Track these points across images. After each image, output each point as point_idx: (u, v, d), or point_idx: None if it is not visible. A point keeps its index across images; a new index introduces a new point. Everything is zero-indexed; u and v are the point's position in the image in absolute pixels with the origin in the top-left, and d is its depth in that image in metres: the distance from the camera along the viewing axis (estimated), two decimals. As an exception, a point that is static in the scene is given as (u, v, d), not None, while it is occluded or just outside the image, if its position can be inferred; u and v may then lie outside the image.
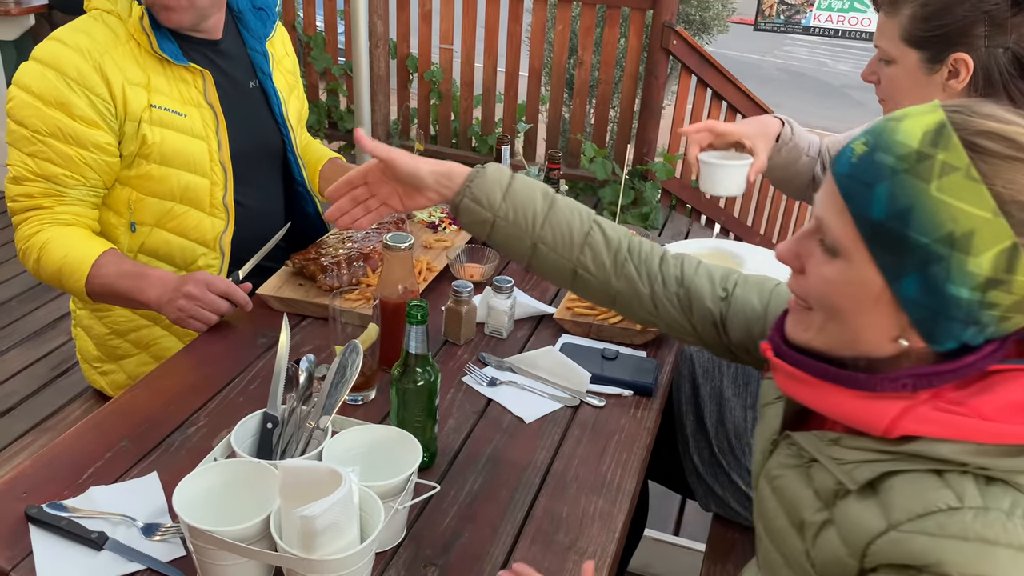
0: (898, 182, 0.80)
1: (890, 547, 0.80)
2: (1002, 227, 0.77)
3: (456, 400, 1.48)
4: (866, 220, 0.82)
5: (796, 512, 0.92)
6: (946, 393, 0.84)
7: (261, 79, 1.94)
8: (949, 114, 0.81)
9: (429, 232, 2.01)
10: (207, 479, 1.07)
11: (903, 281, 0.81)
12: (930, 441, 0.81)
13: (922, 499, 0.79)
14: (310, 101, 5.40)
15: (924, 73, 1.42)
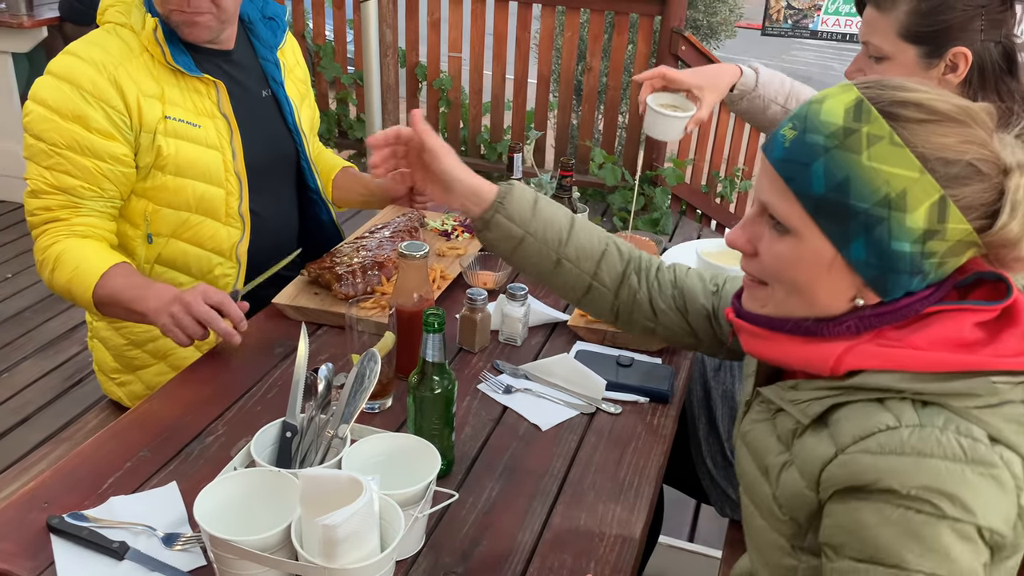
0: (831, 157, 0.87)
1: (839, 470, 0.88)
2: (929, 183, 0.85)
3: (472, 408, 1.48)
4: (809, 196, 0.89)
5: (762, 459, 1.01)
6: (886, 332, 0.93)
7: (273, 88, 1.95)
8: (863, 90, 0.88)
9: (442, 240, 2.02)
10: (227, 488, 1.08)
11: (851, 246, 0.89)
12: (871, 373, 0.90)
13: (865, 423, 0.87)
14: (320, 111, 5.42)
15: (921, 68, 1.42)
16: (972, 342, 0.90)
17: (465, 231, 2.05)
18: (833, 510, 0.89)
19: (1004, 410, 0.86)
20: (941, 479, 0.82)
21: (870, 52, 1.47)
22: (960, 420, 0.85)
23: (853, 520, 0.86)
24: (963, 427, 0.84)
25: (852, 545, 0.87)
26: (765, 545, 1.01)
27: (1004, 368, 0.86)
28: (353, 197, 2.20)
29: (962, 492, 0.82)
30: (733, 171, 5.07)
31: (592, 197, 5.15)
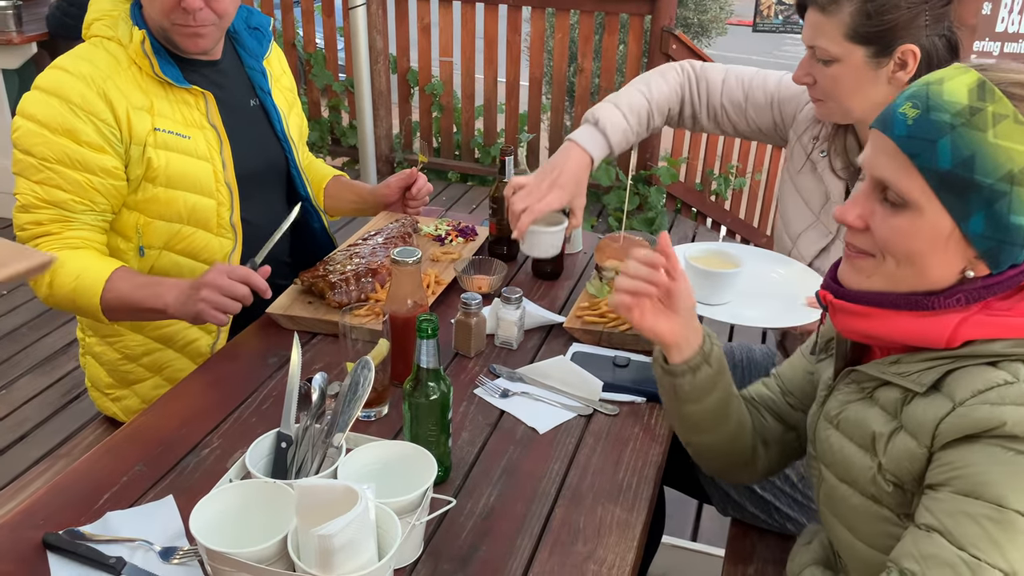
0: (958, 134, 0.91)
1: (957, 420, 0.91)
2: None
3: (469, 413, 1.47)
4: (933, 171, 0.93)
5: (865, 433, 1.03)
6: (993, 304, 0.97)
7: (261, 97, 1.94)
8: (981, 72, 0.93)
9: (436, 245, 2.01)
10: (223, 501, 1.07)
11: (971, 220, 0.93)
12: (984, 342, 0.94)
13: (982, 379, 0.92)
14: (312, 118, 5.44)
15: (871, 68, 1.42)
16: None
17: (459, 235, 2.04)
18: (943, 456, 0.93)
19: None
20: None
21: (817, 55, 1.46)
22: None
23: (962, 459, 0.90)
24: None
25: (955, 482, 0.90)
26: (866, 522, 1.03)
27: None
28: (345, 205, 2.20)
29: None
30: (727, 168, 5.07)
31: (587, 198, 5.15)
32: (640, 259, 1.19)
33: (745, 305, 1.55)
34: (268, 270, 1.64)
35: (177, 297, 1.61)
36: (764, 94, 1.75)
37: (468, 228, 2.08)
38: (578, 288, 1.90)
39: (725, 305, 1.54)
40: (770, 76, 1.77)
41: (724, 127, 1.82)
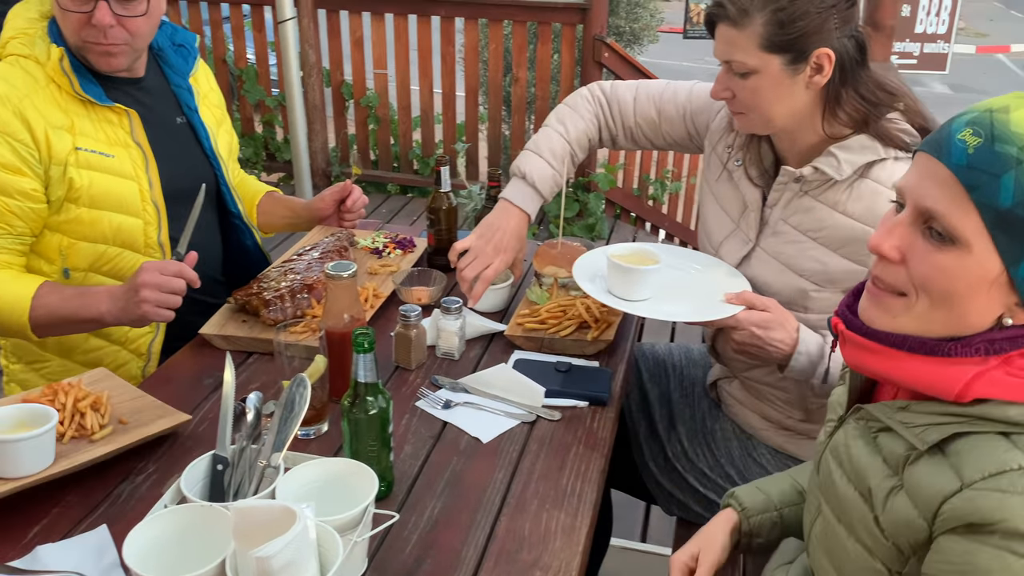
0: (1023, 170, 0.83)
1: (964, 504, 0.83)
2: None
3: (411, 426, 1.46)
4: (992, 208, 0.84)
5: (864, 480, 0.96)
6: (1015, 360, 0.88)
7: (188, 115, 1.91)
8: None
9: (374, 258, 1.99)
10: (158, 527, 1.04)
11: (1022, 264, 0.85)
12: (999, 404, 0.86)
13: (994, 459, 0.83)
14: (245, 134, 5.36)
15: (788, 75, 1.45)
16: None
17: (397, 247, 2.03)
18: (946, 545, 0.85)
19: None
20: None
21: (734, 69, 1.48)
22: None
23: (968, 562, 0.83)
24: None
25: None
26: (854, 567, 0.98)
27: None
28: (278, 221, 2.17)
29: None
30: (663, 173, 5.14)
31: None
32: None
33: (664, 301, 1.55)
34: (195, 256, 1.64)
35: (113, 303, 1.59)
36: (675, 108, 1.76)
37: (406, 240, 2.07)
38: (519, 296, 1.90)
39: (645, 301, 1.55)
40: (680, 89, 1.79)
41: (641, 143, 1.84)
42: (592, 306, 1.72)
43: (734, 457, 1.73)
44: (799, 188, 1.52)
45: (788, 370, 1.48)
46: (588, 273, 1.62)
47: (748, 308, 1.46)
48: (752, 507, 1.29)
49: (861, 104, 1.46)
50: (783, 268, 1.55)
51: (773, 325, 1.45)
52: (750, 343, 1.47)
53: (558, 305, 1.73)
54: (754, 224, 1.60)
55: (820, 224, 1.50)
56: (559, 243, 1.83)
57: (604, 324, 1.70)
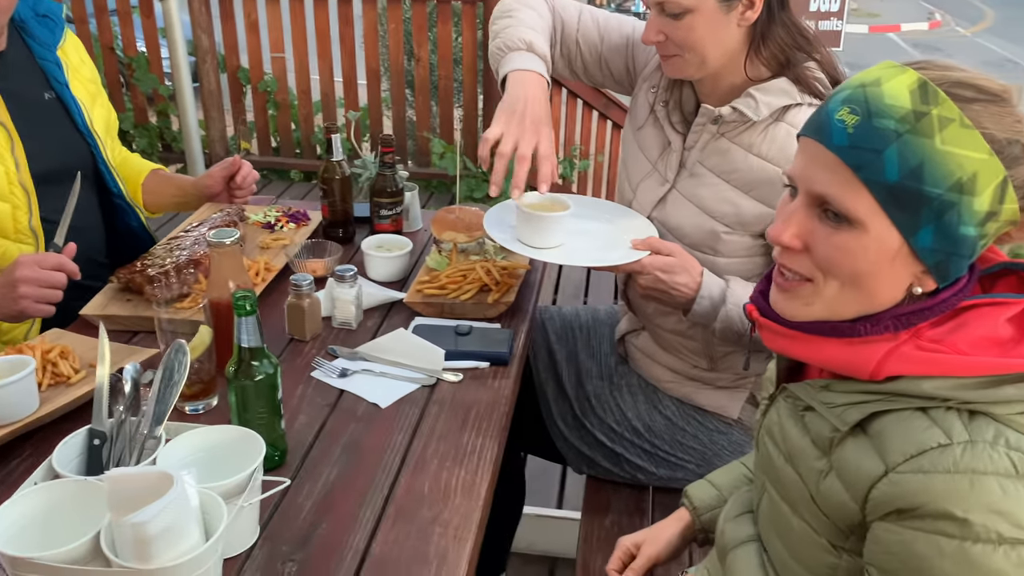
0: (905, 143, 0.83)
1: (890, 489, 0.84)
2: (996, 164, 0.83)
3: (306, 395, 1.42)
4: (881, 185, 0.84)
5: (797, 462, 0.96)
6: (924, 332, 0.88)
7: (57, 89, 1.81)
8: (919, 71, 0.85)
9: (265, 232, 1.93)
10: (27, 505, 0.98)
11: (920, 234, 0.85)
12: (913, 379, 0.86)
13: (914, 439, 0.83)
14: (139, 124, 5.15)
15: (723, 12, 1.46)
16: (1006, 340, 0.87)
17: (290, 221, 1.98)
18: (881, 535, 0.86)
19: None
20: (994, 497, 0.79)
21: (667, 10, 1.47)
22: (1009, 431, 0.81)
23: (906, 549, 0.83)
24: (1013, 439, 0.81)
25: (903, 573, 0.84)
26: (801, 543, 0.97)
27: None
28: (166, 200, 2.08)
29: (1016, 509, 0.79)
30: (571, 151, 5.16)
31: (437, 189, 5.13)
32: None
33: (573, 248, 1.55)
34: (73, 247, 1.58)
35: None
36: (620, 36, 1.72)
37: (299, 213, 2.01)
38: (419, 265, 1.87)
39: (554, 248, 1.55)
40: (626, 20, 1.77)
41: (575, 69, 1.76)
42: (492, 269, 1.70)
43: (640, 410, 1.74)
44: (716, 130, 1.54)
45: (691, 314, 1.50)
46: (498, 222, 1.60)
47: (653, 253, 1.48)
48: (702, 505, 1.31)
49: (784, 45, 1.49)
50: (698, 211, 1.56)
51: (677, 269, 1.47)
52: (654, 287, 1.49)
53: (458, 270, 1.71)
54: (673, 166, 1.61)
55: (734, 166, 1.52)
56: (457, 209, 1.81)
57: (505, 287, 1.69)
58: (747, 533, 1.12)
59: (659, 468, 1.74)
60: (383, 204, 1.92)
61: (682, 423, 1.72)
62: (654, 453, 1.73)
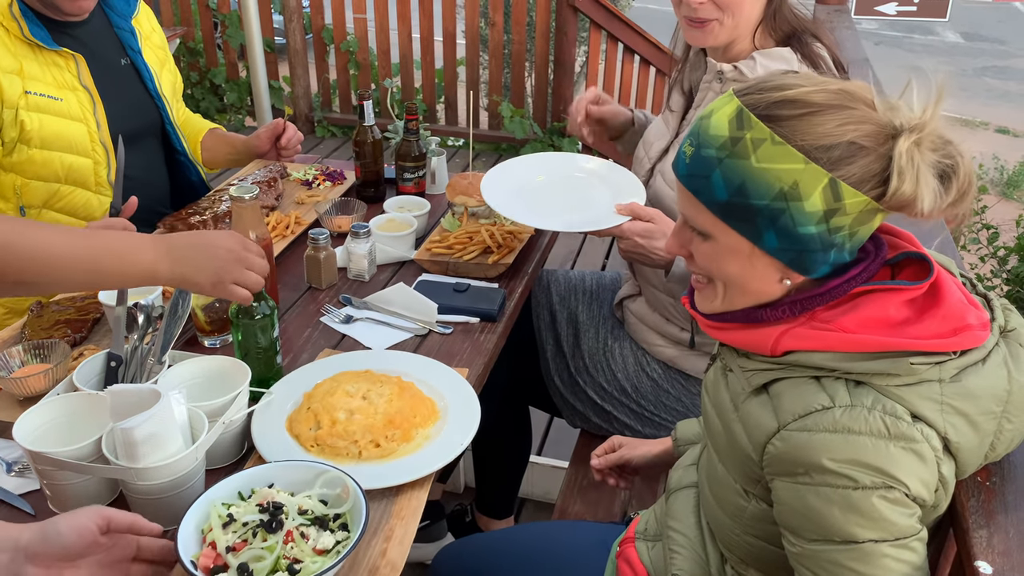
0: (726, 166, 0.96)
1: (780, 445, 0.96)
2: (816, 170, 0.93)
3: (312, 337, 1.60)
4: (715, 203, 0.98)
5: (720, 413, 1.11)
6: (819, 314, 1.00)
7: (131, 56, 2.02)
8: (742, 99, 0.97)
9: (303, 189, 2.12)
10: (49, 412, 1.19)
11: (764, 238, 0.97)
12: (806, 353, 0.98)
13: (803, 401, 0.96)
14: (230, 79, 5.44)
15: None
16: (900, 321, 0.97)
17: (327, 179, 2.15)
18: (780, 493, 0.98)
19: (920, 389, 0.93)
20: (867, 453, 0.90)
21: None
22: (886, 400, 0.92)
23: (801, 503, 0.95)
24: (888, 406, 0.92)
25: (807, 528, 0.95)
26: (721, 484, 1.10)
27: (922, 349, 0.93)
28: (221, 157, 2.29)
29: (886, 464, 0.90)
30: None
31: (505, 152, 5.26)
32: None
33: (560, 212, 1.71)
34: (134, 202, 1.74)
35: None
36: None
37: (336, 172, 2.19)
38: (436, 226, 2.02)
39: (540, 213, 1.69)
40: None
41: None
42: (496, 233, 1.84)
43: (629, 371, 1.86)
44: (720, 88, 1.65)
45: (670, 276, 1.63)
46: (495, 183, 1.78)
47: (634, 219, 1.60)
48: (682, 437, 1.45)
49: (790, 18, 1.60)
50: None
51: (656, 235, 1.59)
52: (634, 251, 1.62)
53: (465, 232, 1.86)
54: (677, 120, 1.76)
55: None
56: (470, 174, 1.95)
57: (506, 249, 1.82)
58: (689, 480, 1.28)
59: (645, 427, 1.86)
60: (407, 167, 2.08)
61: (666, 385, 1.83)
62: (640, 413, 1.85)
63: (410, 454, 1.27)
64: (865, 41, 3.49)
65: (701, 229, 1.02)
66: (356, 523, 1.06)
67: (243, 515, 1.05)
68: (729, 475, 1.09)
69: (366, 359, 1.48)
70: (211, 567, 1.00)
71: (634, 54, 4.83)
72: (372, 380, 1.37)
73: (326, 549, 1.04)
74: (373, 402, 1.31)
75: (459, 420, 1.33)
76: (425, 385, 1.40)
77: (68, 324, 1.51)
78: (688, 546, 1.20)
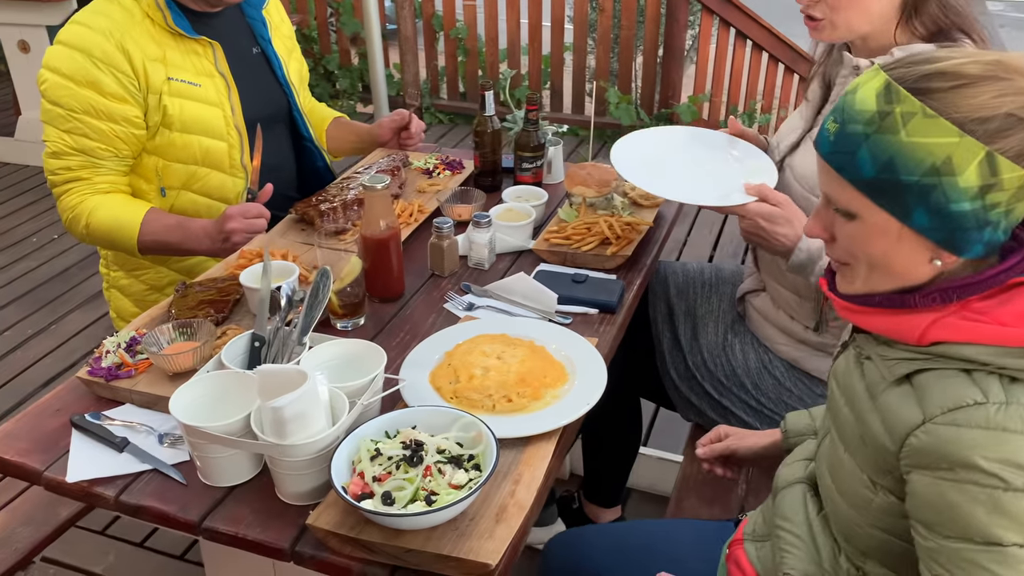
0: (873, 142, 0.94)
1: (925, 438, 0.93)
2: (971, 143, 0.90)
3: (436, 323, 1.64)
4: (862, 181, 0.96)
5: (852, 403, 1.08)
6: (972, 304, 0.96)
7: (262, 45, 2.11)
8: (890, 72, 0.94)
9: (424, 178, 2.17)
10: (200, 388, 1.27)
11: (913, 216, 0.94)
12: (956, 344, 0.94)
13: (953, 395, 0.92)
14: (343, 66, 5.59)
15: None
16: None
17: (447, 168, 2.20)
18: (917, 487, 0.95)
19: None
20: (1022, 454, 0.87)
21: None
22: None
23: (941, 499, 0.91)
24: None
25: (944, 524, 0.92)
26: (846, 475, 1.08)
27: None
28: (345, 145, 2.37)
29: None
30: (750, 104, 5.08)
31: (611, 139, 5.23)
32: None
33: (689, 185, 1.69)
34: (269, 189, 1.86)
35: (211, 247, 1.86)
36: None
37: (456, 161, 2.23)
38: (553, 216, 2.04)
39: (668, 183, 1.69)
40: None
41: None
42: (615, 224, 1.84)
43: (750, 368, 1.84)
44: None
45: (789, 264, 1.60)
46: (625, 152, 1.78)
47: (761, 200, 1.58)
48: (793, 429, 1.43)
49: (936, 18, 1.52)
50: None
51: (780, 220, 1.56)
52: (754, 232, 1.60)
53: (583, 223, 1.87)
54: (812, 114, 1.72)
55: None
56: (589, 165, 1.95)
57: (625, 241, 1.83)
58: (797, 476, 1.26)
59: (762, 424, 1.83)
60: (525, 157, 2.10)
61: (789, 384, 1.80)
62: (759, 410, 1.83)
63: (539, 410, 1.35)
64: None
65: (846, 208, 0.99)
66: (487, 464, 1.15)
67: (388, 450, 1.17)
68: (856, 466, 1.06)
69: (503, 324, 1.57)
70: (359, 493, 1.11)
71: (747, 39, 4.73)
72: (507, 343, 1.47)
73: (460, 484, 1.13)
74: (507, 362, 1.41)
75: (586, 384, 1.40)
76: (556, 351, 1.48)
77: (211, 304, 1.60)
78: (799, 544, 1.19)
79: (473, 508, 1.16)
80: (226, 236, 1.80)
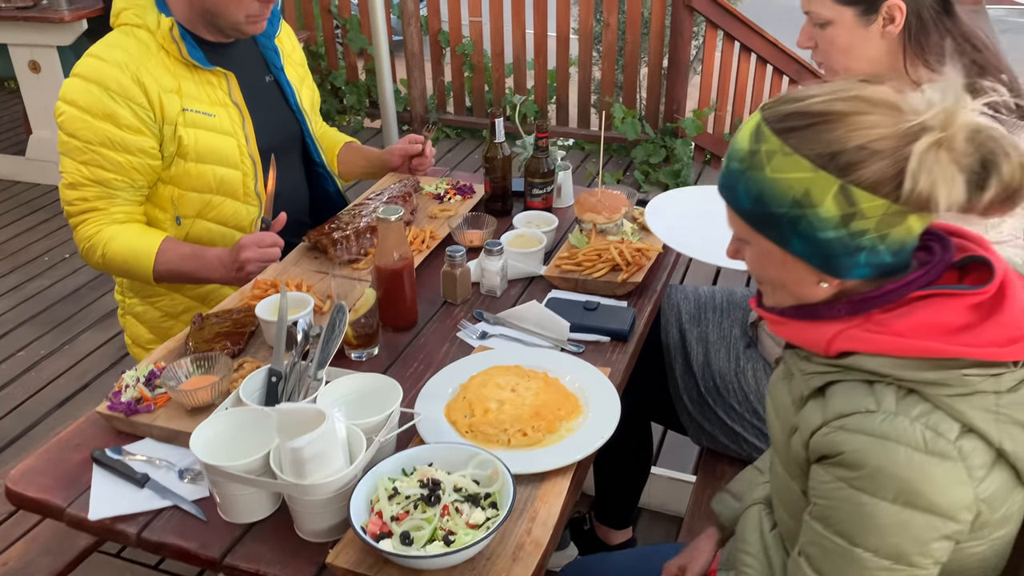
0: (746, 178, 1.02)
1: (821, 439, 1.01)
2: (825, 177, 0.96)
3: (450, 352, 1.66)
4: (744, 212, 1.05)
5: (782, 417, 1.14)
6: (875, 316, 1.02)
7: (275, 73, 2.13)
8: (764, 113, 1.02)
9: (435, 203, 2.19)
10: (220, 425, 1.28)
11: (791, 243, 1.02)
12: (861, 356, 1.00)
13: (850, 403, 0.99)
14: (350, 82, 5.62)
15: (861, 26, 1.52)
16: (958, 327, 0.97)
17: (457, 193, 2.21)
18: (813, 476, 1.03)
19: (974, 399, 0.94)
20: (896, 464, 0.93)
21: (813, 21, 1.57)
22: (934, 413, 0.94)
23: (820, 485, 1.01)
24: (934, 420, 0.93)
25: (815, 506, 1.02)
26: (783, 486, 1.15)
27: (977, 358, 0.94)
28: (356, 169, 2.39)
29: (913, 478, 0.92)
30: (756, 117, 5.09)
31: (616, 152, 5.25)
32: None
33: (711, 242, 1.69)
34: (283, 218, 1.86)
35: (224, 275, 1.87)
36: None
37: (466, 187, 2.25)
38: (563, 241, 2.05)
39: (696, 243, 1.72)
40: None
41: None
42: (625, 251, 1.86)
43: (763, 394, 1.85)
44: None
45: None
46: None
47: None
48: (729, 519, 1.46)
49: (949, 54, 1.50)
50: None
51: None
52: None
53: (594, 249, 1.88)
54: None
55: None
56: (599, 191, 1.97)
57: (635, 267, 1.84)
58: (755, 497, 1.33)
59: (773, 448, 1.85)
60: (535, 184, 2.12)
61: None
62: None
63: (554, 444, 1.36)
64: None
65: (741, 236, 1.08)
66: (504, 502, 1.17)
67: (406, 489, 1.18)
68: (790, 478, 1.12)
69: (517, 355, 1.59)
70: (378, 533, 1.13)
71: (751, 53, 4.74)
72: (521, 374, 1.49)
73: (477, 524, 1.15)
74: (521, 394, 1.43)
75: (600, 416, 1.42)
76: (571, 382, 1.50)
77: (227, 337, 1.61)
78: (754, 564, 1.23)
79: (490, 547, 1.17)
80: (240, 265, 1.81)
